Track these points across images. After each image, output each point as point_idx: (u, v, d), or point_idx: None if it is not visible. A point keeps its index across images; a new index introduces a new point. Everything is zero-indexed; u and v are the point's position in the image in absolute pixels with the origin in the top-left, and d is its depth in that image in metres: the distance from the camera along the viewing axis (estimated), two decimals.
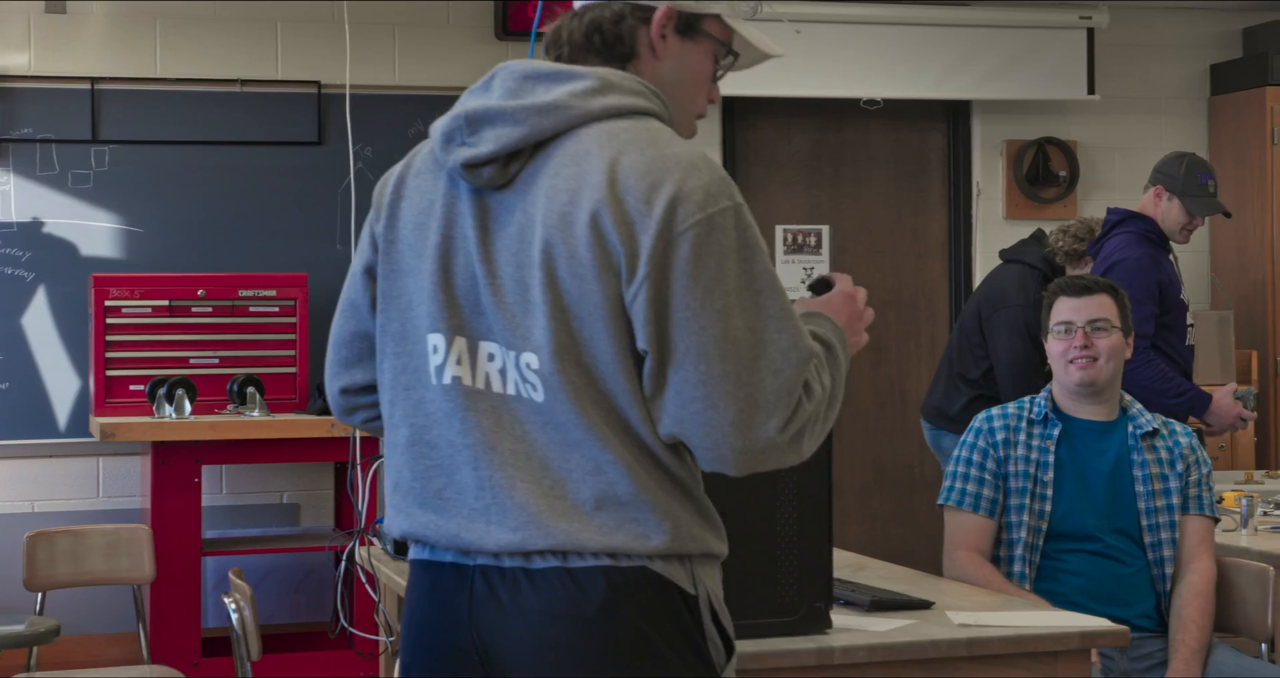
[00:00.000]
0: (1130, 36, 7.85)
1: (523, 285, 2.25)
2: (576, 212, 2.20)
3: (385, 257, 2.39)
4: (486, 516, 2.25)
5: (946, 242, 7.83)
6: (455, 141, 2.30)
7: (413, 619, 2.37)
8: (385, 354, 2.39)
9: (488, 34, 7.09)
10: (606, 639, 2.22)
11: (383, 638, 4.26)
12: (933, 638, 3.16)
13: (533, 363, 2.23)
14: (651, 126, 2.29)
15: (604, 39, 2.35)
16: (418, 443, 2.33)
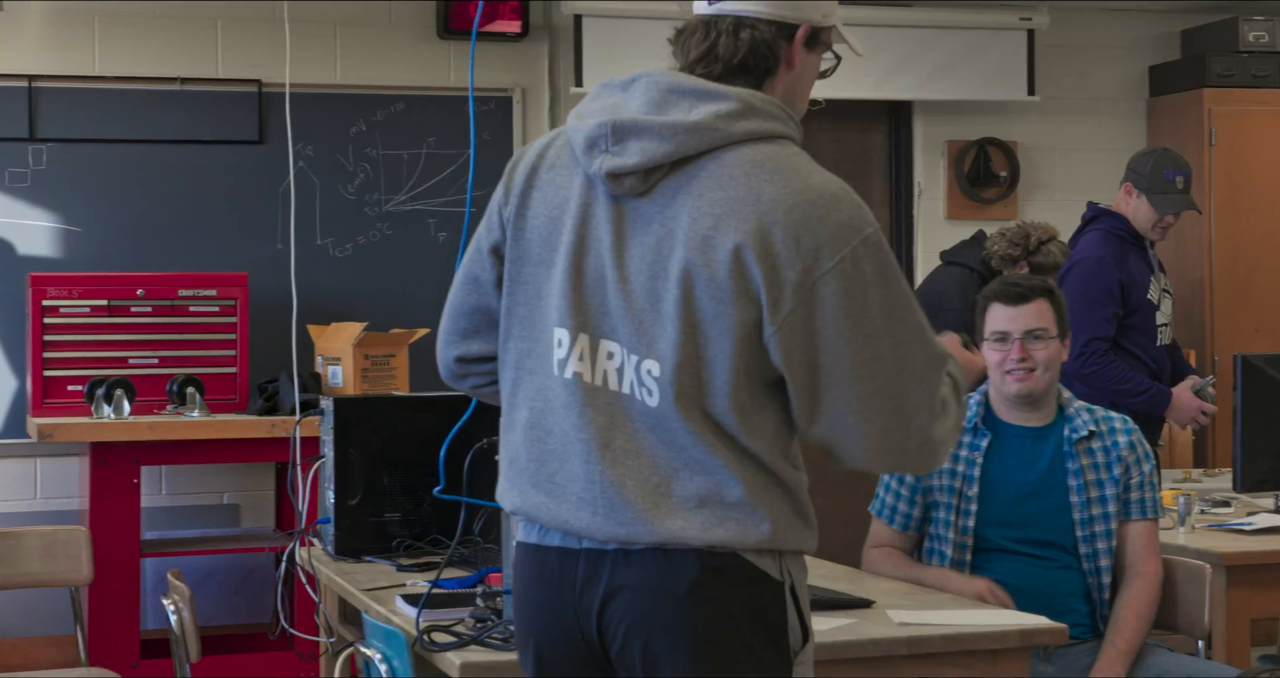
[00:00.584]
0: (1070, 38, 7.90)
1: (654, 295, 2.37)
2: (720, 238, 2.32)
3: (514, 242, 2.50)
4: (594, 507, 2.39)
5: (888, 241, 7.84)
6: (599, 148, 2.40)
7: (523, 598, 2.52)
8: (510, 335, 2.51)
9: (430, 33, 7.07)
10: (694, 616, 2.36)
11: (323, 639, 4.24)
12: (873, 637, 3.18)
13: (654, 371, 2.36)
14: (790, 152, 2.40)
15: (758, 59, 2.45)
16: (535, 427, 2.46)
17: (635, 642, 2.39)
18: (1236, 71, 7.61)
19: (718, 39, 2.46)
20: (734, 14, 2.46)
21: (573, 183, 2.46)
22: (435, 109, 7.03)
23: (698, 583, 2.37)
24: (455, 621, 3.18)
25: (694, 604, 2.37)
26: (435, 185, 7.04)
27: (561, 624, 2.46)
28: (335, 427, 4.18)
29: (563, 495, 2.43)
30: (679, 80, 2.42)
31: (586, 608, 2.42)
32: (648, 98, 2.42)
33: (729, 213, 2.33)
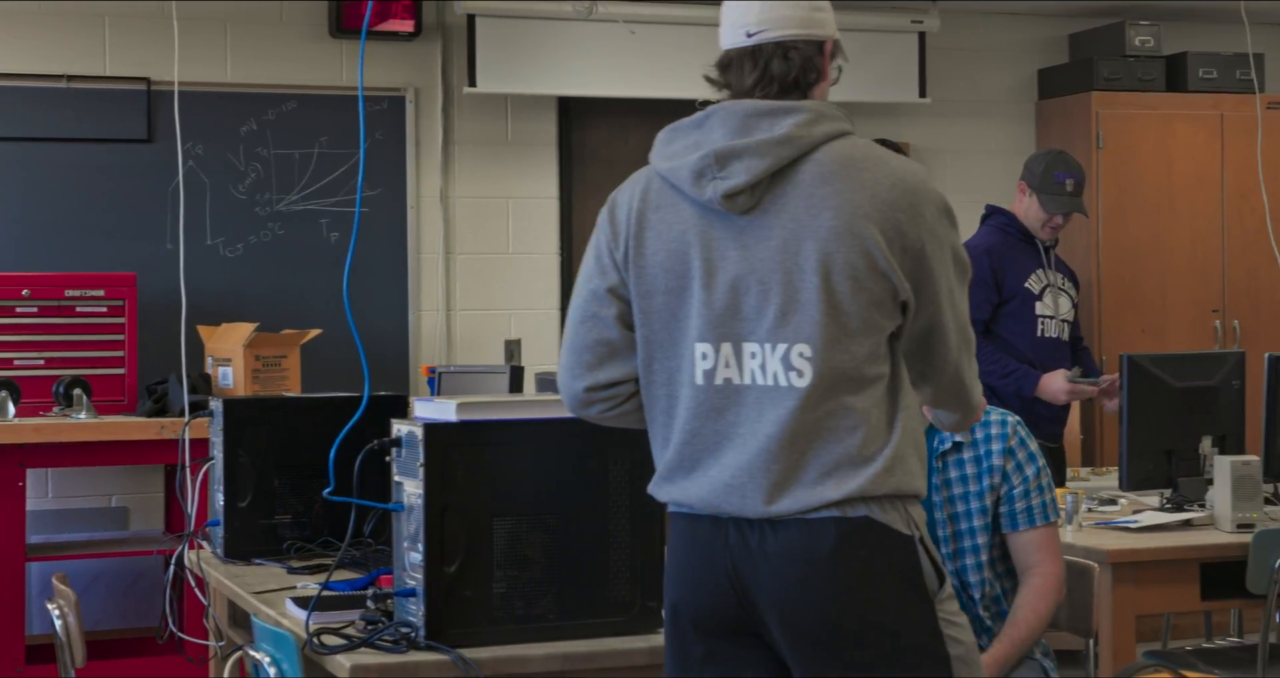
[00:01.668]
0: (961, 41, 7.97)
1: (792, 288, 2.71)
2: (846, 224, 2.69)
3: (637, 280, 2.84)
4: (742, 491, 2.71)
5: None
6: (707, 177, 2.74)
7: (675, 562, 2.82)
8: (654, 358, 2.84)
9: (321, 32, 7.02)
10: (836, 577, 2.68)
11: (212, 643, 4.19)
12: None
13: (805, 352, 2.71)
14: (863, 143, 2.79)
15: (805, 74, 2.82)
16: (685, 431, 2.78)
17: (784, 609, 2.69)
18: (1123, 75, 7.72)
19: (769, 63, 2.80)
20: (775, 40, 2.81)
21: (683, 217, 2.80)
22: (327, 108, 6.98)
23: (836, 547, 2.68)
24: (346, 623, 3.16)
25: (834, 567, 2.68)
26: (327, 185, 7.00)
27: (716, 585, 2.75)
28: (225, 428, 4.15)
29: (714, 486, 2.74)
30: (752, 105, 2.77)
31: (739, 570, 2.72)
32: (729, 126, 2.76)
33: (843, 202, 2.70)
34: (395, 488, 3.12)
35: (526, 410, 3.16)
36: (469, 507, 3.03)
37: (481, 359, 7.15)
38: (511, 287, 7.34)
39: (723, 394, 2.76)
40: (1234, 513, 4.58)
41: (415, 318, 7.15)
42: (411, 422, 3.10)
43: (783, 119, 2.74)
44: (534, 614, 3.08)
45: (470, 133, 7.27)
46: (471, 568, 3.02)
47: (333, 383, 5.53)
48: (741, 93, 2.81)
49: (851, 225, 2.69)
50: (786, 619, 2.70)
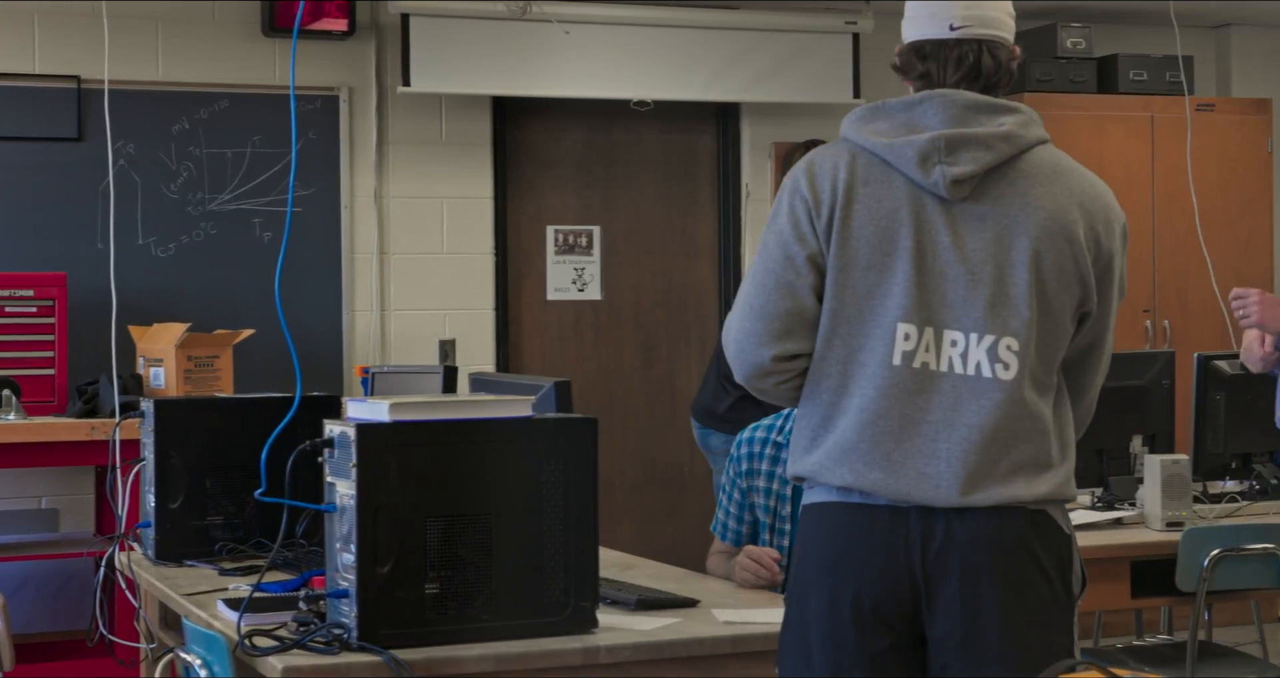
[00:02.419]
0: (894, 42, 7.95)
1: (1001, 282, 2.77)
2: (1059, 226, 2.80)
3: (839, 250, 2.82)
4: (937, 480, 2.76)
5: (716, 243, 7.90)
6: (934, 160, 2.78)
7: (842, 550, 2.81)
8: (837, 334, 2.83)
9: (254, 31, 6.98)
10: (1018, 566, 2.76)
11: (143, 645, 4.16)
12: (697, 636, 3.19)
13: (1012, 345, 2.77)
14: (1063, 154, 2.90)
15: (1006, 75, 2.91)
16: (867, 411, 2.79)
17: (965, 589, 2.74)
18: (1055, 77, 7.77)
19: (978, 60, 2.87)
20: (978, 38, 2.88)
21: (894, 194, 2.81)
22: (260, 107, 6.94)
23: (1024, 537, 2.77)
24: (278, 625, 3.15)
25: (1019, 556, 2.76)
26: (260, 184, 6.96)
27: (891, 574, 2.77)
28: (156, 429, 4.12)
29: (902, 472, 2.77)
30: (970, 97, 2.83)
31: (918, 559, 2.76)
32: (947, 113, 2.81)
33: (1056, 205, 2.80)
34: (328, 489, 3.11)
35: (460, 411, 3.15)
36: (402, 508, 3.02)
37: (416, 359, 7.13)
38: (446, 287, 7.32)
39: (918, 378, 2.78)
40: (1164, 512, 4.62)
41: (349, 318, 7.12)
42: (344, 422, 3.09)
43: (1002, 117, 2.82)
44: (467, 615, 3.07)
45: (404, 132, 7.25)
46: (404, 569, 3.01)
47: (266, 384, 5.49)
48: (942, 83, 2.87)
49: (1064, 228, 2.80)
50: (970, 595, 2.74)
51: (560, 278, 7.65)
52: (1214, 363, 5.02)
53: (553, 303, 7.66)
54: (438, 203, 7.32)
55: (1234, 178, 7.95)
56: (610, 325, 7.75)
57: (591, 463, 3.16)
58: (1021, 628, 2.77)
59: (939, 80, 2.87)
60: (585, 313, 7.72)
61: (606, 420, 7.58)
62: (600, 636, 3.13)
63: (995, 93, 2.88)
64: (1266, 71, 8.50)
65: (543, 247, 7.63)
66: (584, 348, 7.71)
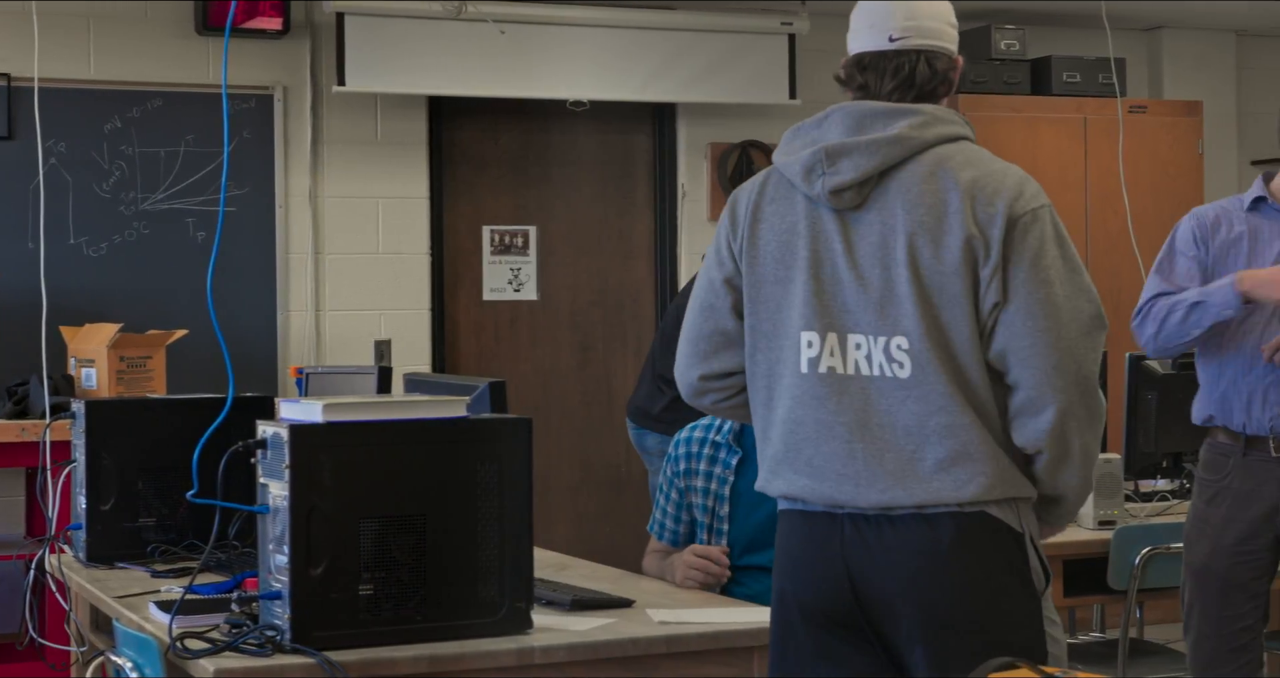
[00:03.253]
0: (830, 43, 7.99)
1: (888, 282, 2.80)
2: (939, 220, 2.79)
3: (749, 269, 2.93)
4: (856, 480, 2.81)
5: (652, 243, 7.90)
6: (816, 172, 2.85)
7: (789, 556, 2.92)
8: (757, 349, 2.93)
9: (187, 29, 6.93)
10: (955, 570, 2.78)
11: (73, 648, 4.13)
12: (632, 636, 3.19)
13: (903, 344, 2.79)
14: (970, 149, 2.88)
15: (940, 84, 2.93)
16: (789, 421, 2.88)
17: (903, 599, 2.78)
18: (989, 78, 7.81)
19: (914, 70, 2.91)
20: (917, 48, 2.91)
21: (795, 210, 2.90)
22: (194, 106, 6.90)
23: (955, 542, 2.77)
24: (210, 627, 3.13)
25: (954, 560, 2.77)
26: (194, 184, 6.92)
27: (832, 579, 2.84)
28: (87, 430, 4.09)
29: (823, 475, 2.84)
30: (869, 106, 2.88)
31: (855, 565, 2.82)
32: (845, 125, 2.87)
33: (937, 201, 2.80)
34: (261, 490, 3.09)
35: (394, 411, 3.14)
36: (335, 509, 3.00)
37: (351, 360, 7.11)
38: (381, 287, 7.29)
39: (826, 383, 2.84)
40: (1095, 511, 4.65)
41: (284, 318, 7.08)
42: (277, 423, 3.07)
43: (898, 120, 2.85)
44: (401, 616, 3.06)
45: (339, 132, 7.22)
46: (338, 570, 3.00)
47: (200, 385, 5.46)
48: (879, 95, 2.92)
49: (941, 219, 2.79)
50: (901, 611, 2.79)
51: (496, 278, 7.64)
52: (1145, 363, 5.06)
53: (489, 303, 7.65)
54: (373, 203, 7.29)
55: (1166, 179, 8.02)
56: (546, 326, 7.75)
57: (526, 463, 3.16)
58: (970, 634, 2.77)
59: (875, 91, 2.92)
60: (521, 313, 7.71)
61: (543, 421, 7.58)
62: (535, 636, 3.12)
63: (932, 101, 2.92)
64: (1197, 74, 8.58)
65: (479, 247, 7.62)
66: (520, 348, 7.70)
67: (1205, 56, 8.59)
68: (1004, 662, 1.81)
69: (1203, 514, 4.21)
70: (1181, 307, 4.08)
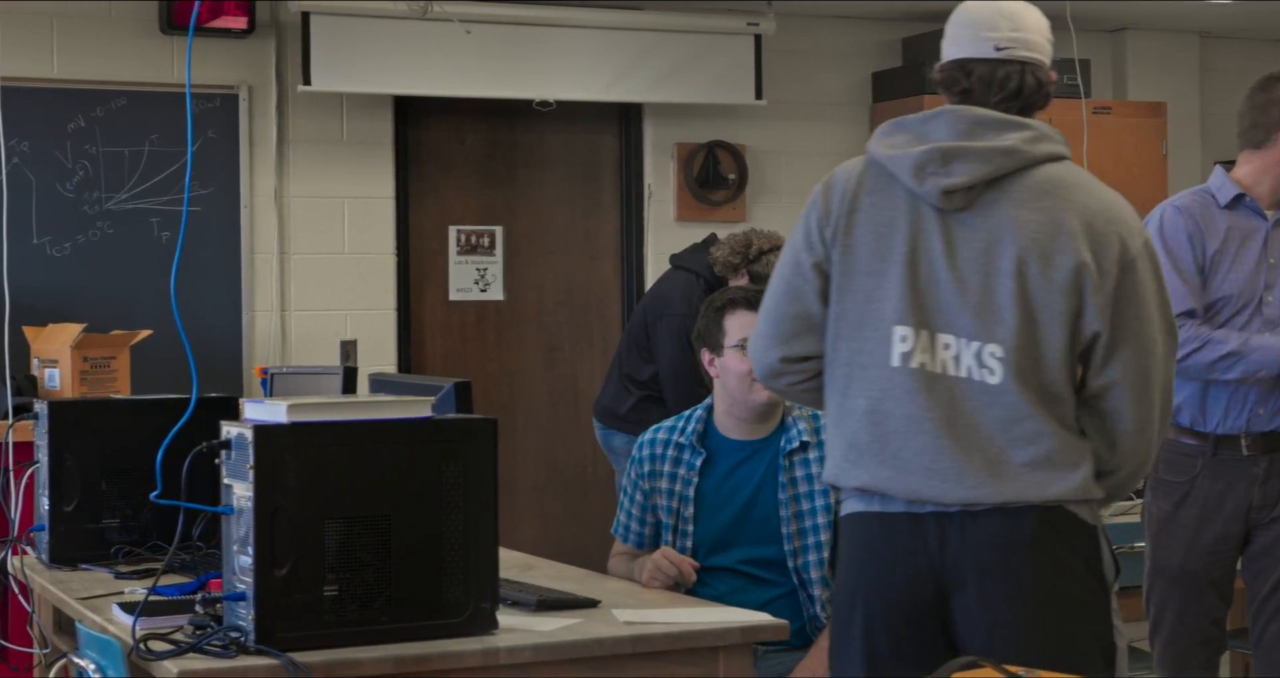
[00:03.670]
0: (796, 44, 8.04)
1: (988, 290, 2.88)
2: (1052, 240, 2.88)
3: (841, 257, 2.97)
4: (944, 476, 2.87)
5: (619, 243, 7.90)
6: (928, 171, 2.90)
7: (867, 559, 2.97)
8: (840, 338, 2.98)
9: (152, 28, 6.90)
10: (1035, 563, 2.88)
11: (36, 650, 4.11)
12: (598, 636, 3.19)
13: (997, 352, 2.88)
14: (1077, 170, 2.98)
15: (1034, 96, 3.01)
16: (875, 413, 2.93)
17: (983, 588, 2.87)
18: None
19: (1021, 83, 2.99)
20: (1021, 60, 3.00)
21: (895, 203, 2.95)
22: (158, 105, 6.87)
23: (1037, 535, 2.87)
24: (174, 628, 3.11)
25: (1035, 553, 2.87)
26: (159, 183, 6.89)
27: (914, 579, 2.91)
28: (50, 431, 4.07)
29: (910, 469, 2.89)
30: (981, 112, 2.95)
31: (938, 562, 2.89)
32: (955, 128, 2.93)
33: (1050, 220, 2.88)
34: (225, 491, 3.08)
35: (358, 412, 3.13)
36: (300, 509, 2.99)
37: (317, 360, 7.09)
38: (347, 287, 7.28)
39: (917, 378, 2.90)
40: None
41: (249, 319, 7.06)
42: (241, 424, 3.06)
43: (1009, 132, 2.92)
44: (366, 617, 3.05)
45: (305, 131, 7.20)
46: (302, 571, 2.99)
47: (164, 385, 5.44)
48: (985, 103, 2.98)
49: (1055, 241, 2.87)
50: (988, 597, 2.87)
51: (462, 278, 7.63)
52: None
53: (455, 303, 7.63)
54: (339, 203, 7.27)
55: (1130, 180, 8.03)
56: (513, 326, 7.74)
57: (491, 464, 3.15)
58: (1043, 626, 2.88)
59: (980, 99, 2.99)
60: (488, 313, 7.70)
61: (509, 421, 7.57)
62: (500, 637, 3.12)
63: (1031, 113, 3.00)
64: (1161, 75, 8.62)
65: (445, 247, 7.61)
66: (486, 348, 7.69)
67: (1169, 58, 8.63)
68: (967, 661, 1.81)
69: (1171, 516, 4.22)
70: (1217, 348, 4.06)
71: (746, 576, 3.91)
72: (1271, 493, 4.17)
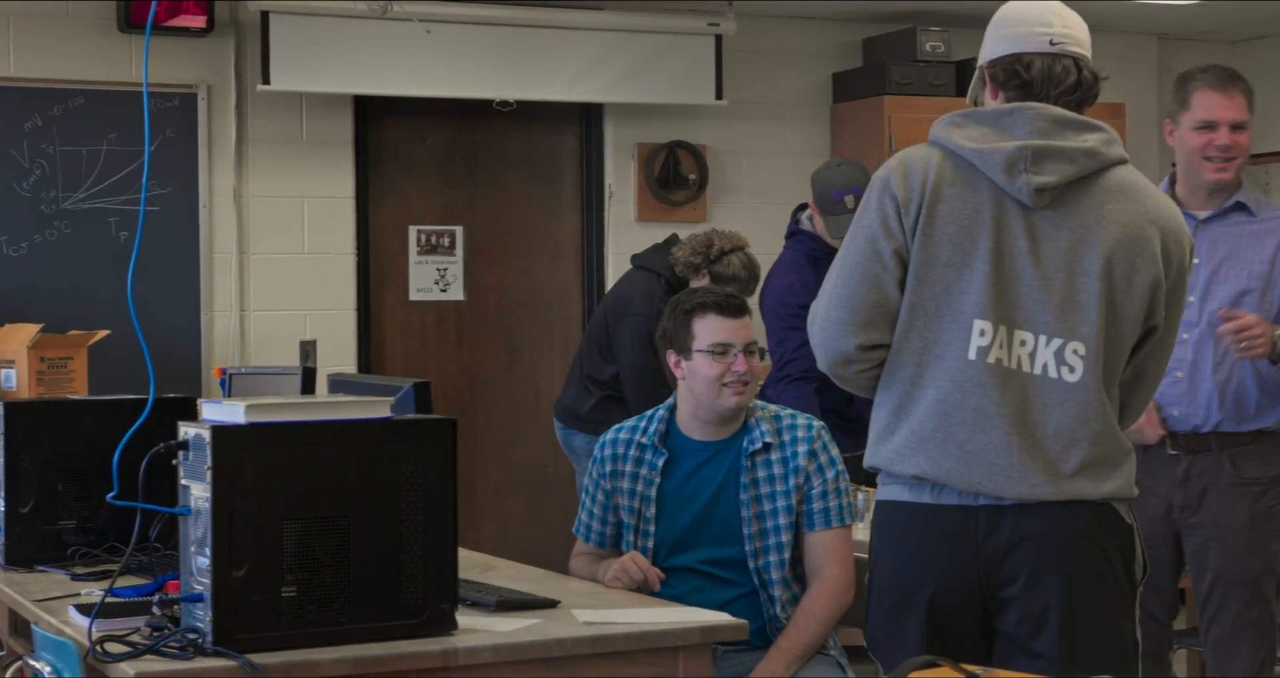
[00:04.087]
0: (757, 44, 8.05)
1: (1072, 288, 2.96)
2: (1136, 244, 2.99)
3: (921, 247, 2.99)
4: (1008, 472, 2.94)
5: (579, 243, 7.90)
6: (1019, 168, 2.96)
7: (913, 549, 3.04)
8: (914, 326, 3.01)
9: (110, 27, 6.87)
10: (1084, 556, 2.99)
11: None
12: (557, 637, 3.19)
13: (1079, 350, 2.96)
14: (1139, 175, 3.08)
15: (1089, 95, 3.10)
16: (943, 403, 2.98)
17: (1033, 580, 2.96)
18: (915, 80, 7.85)
19: (1080, 78, 3.08)
20: (1073, 55, 3.09)
21: (979, 197, 2.99)
22: (116, 105, 6.84)
23: (1088, 531, 2.99)
24: (131, 630, 3.10)
25: (1085, 547, 2.98)
26: (117, 183, 6.86)
27: (960, 571, 2.99)
28: (6, 432, 4.04)
29: (974, 462, 2.95)
30: (1060, 113, 3.03)
31: (988, 555, 2.98)
32: (1036, 127, 3.00)
33: (1133, 224, 2.99)
34: (182, 492, 3.06)
35: (317, 412, 3.12)
36: (258, 510, 2.98)
37: (277, 360, 7.06)
38: (307, 287, 7.25)
39: (993, 373, 2.96)
40: None
41: (208, 319, 7.03)
42: (199, 424, 3.04)
43: (1087, 133, 3.02)
44: (325, 618, 3.04)
45: (264, 131, 7.17)
46: (260, 572, 2.98)
47: (122, 386, 5.41)
48: (1046, 97, 3.05)
49: (1137, 242, 2.98)
50: (1038, 588, 2.97)
51: (423, 278, 7.62)
52: None
53: (415, 303, 7.62)
54: (298, 202, 7.25)
55: None
56: (473, 326, 7.73)
57: (450, 464, 3.14)
58: (1088, 618, 2.99)
59: (1040, 93, 3.06)
60: (448, 313, 7.68)
61: (469, 421, 7.56)
62: (459, 637, 3.11)
63: (1082, 108, 3.09)
64: (1120, 77, 8.64)
65: (405, 247, 7.59)
66: (446, 349, 7.68)
67: (1128, 59, 8.66)
68: (925, 660, 1.82)
69: None
70: None
71: (707, 576, 3.91)
72: (1193, 494, 4.22)
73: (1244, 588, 4.18)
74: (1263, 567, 4.24)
